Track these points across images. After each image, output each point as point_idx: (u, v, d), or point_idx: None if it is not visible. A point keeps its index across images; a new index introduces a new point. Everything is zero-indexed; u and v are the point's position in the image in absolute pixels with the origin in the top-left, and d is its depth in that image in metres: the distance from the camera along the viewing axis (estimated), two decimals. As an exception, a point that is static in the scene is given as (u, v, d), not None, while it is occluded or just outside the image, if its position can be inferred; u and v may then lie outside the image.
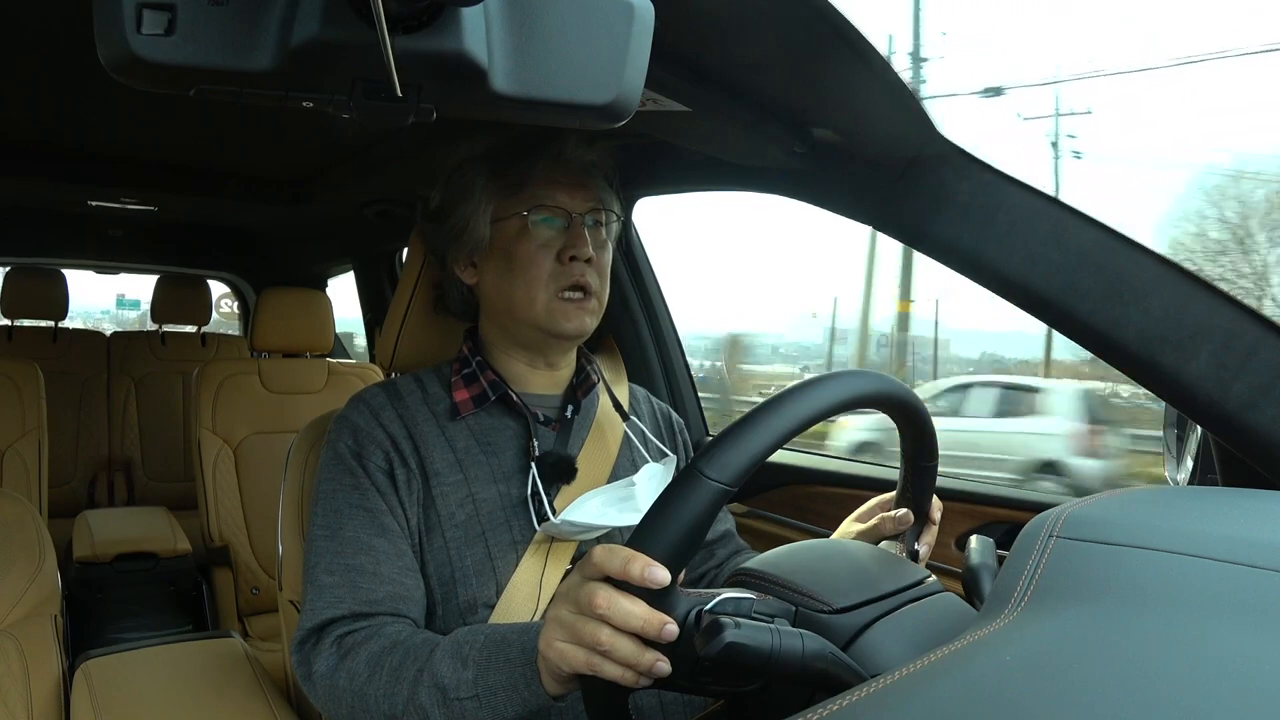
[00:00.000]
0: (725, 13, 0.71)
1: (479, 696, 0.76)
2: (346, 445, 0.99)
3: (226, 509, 2.37)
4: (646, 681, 0.65)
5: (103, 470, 3.16)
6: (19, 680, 1.10)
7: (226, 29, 0.41)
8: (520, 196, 1.02)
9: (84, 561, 2.29)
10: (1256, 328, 0.78)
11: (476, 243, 1.04)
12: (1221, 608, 0.47)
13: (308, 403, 2.50)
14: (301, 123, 1.63)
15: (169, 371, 3.27)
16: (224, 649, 1.32)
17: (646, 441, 1.14)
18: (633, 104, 0.49)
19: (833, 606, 0.67)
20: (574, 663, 0.66)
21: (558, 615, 0.68)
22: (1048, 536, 0.57)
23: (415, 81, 0.44)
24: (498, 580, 0.96)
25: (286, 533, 1.14)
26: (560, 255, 1.01)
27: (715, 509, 0.63)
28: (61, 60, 1.32)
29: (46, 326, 3.17)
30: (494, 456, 1.01)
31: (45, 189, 2.35)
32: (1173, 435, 0.97)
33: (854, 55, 0.76)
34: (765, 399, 0.69)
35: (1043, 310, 0.88)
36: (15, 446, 2.34)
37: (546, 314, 1.01)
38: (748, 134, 0.98)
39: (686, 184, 1.44)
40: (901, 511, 0.90)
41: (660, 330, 1.70)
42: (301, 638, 0.92)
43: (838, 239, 16.23)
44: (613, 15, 0.48)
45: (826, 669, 0.62)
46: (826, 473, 1.53)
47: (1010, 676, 0.44)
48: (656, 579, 0.61)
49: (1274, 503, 0.66)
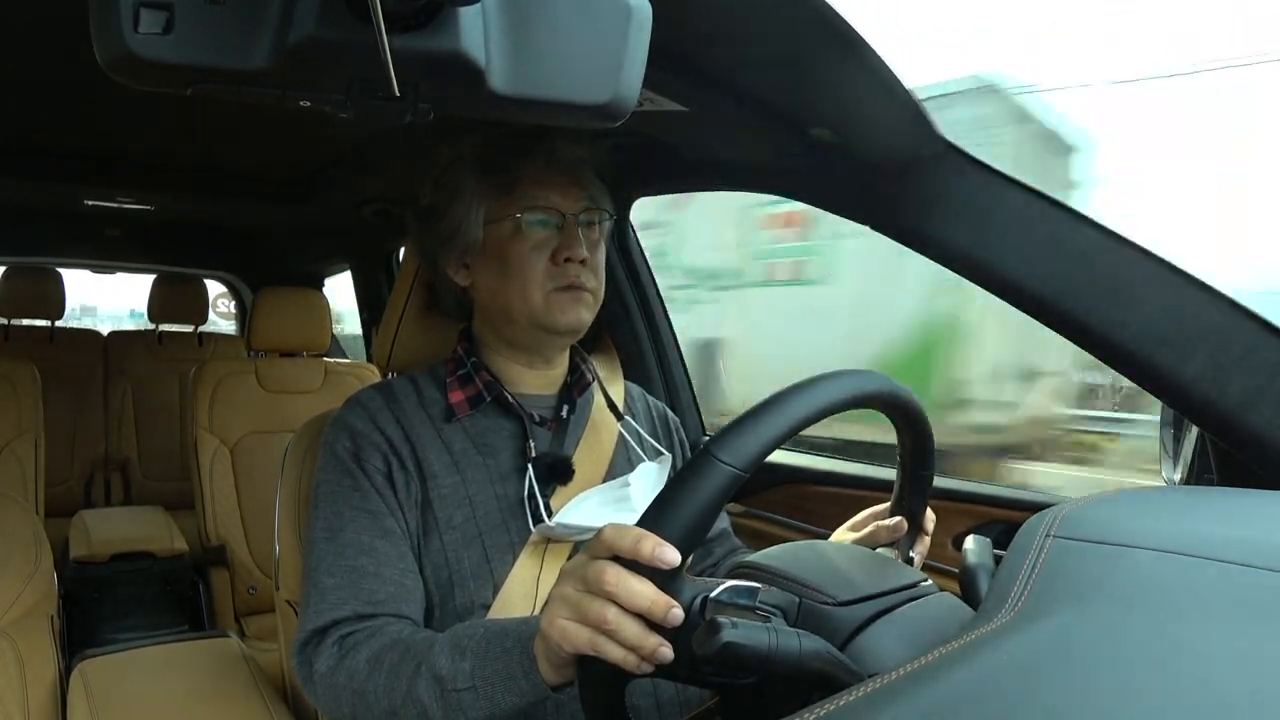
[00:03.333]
0: (723, 13, 0.71)
1: (476, 687, 0.76)
2: (345, 448, 0.98)
3: (223, 509, 2.37)
4: (648, 668, 0.64)
5: (99, 470, 3.15)
6: (15, 680, 1.10)
7: (224, 28, 0.41)
8: (512, 197, 1.01)
9: (81, 561, 2.29)
10: (1253, 328, 0.78)
11: (469, 245, 1.03)
12: (1218, 607, 0.48)
13: (304, 402, 2.50)
14: (299, 122, 1.63)
15: (166, 371, 3.26)
16: (221, 649, 1.32)
17: (642, 440, 1.14)
18: (630, 103, 0.49)
19: (836, 599, 0.67)
20: (577, 641, 0.65)
21: (563, 592, 0.67)
22: (1044, 536, 0.57)
23: (413, 81, 0.44)
24: (495, 581, 0.96)
25: (283, 532, 1.14)
26: (554, 256, 1.00)
27: (727, 494, 0.63)
28: (58, 59, 1.32)
29: (43, 326, 3.17)
30: (490, 458, 1.01)
31: (42, 188, 2.35)
32: (1169, 435, 0.97)
33: (852, 55, 0.76)
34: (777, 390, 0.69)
35: (1039, 310, 0.88)
36: (11, 446, 2.33)
37: (543, 309, 1.00)
38: (745, 134, 0.99)
39: (684, 183, 1.44)
40: (895, 520, 0.90)
41: (657, 329, 1.70)
42: (304, 639, 0.92)
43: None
44: (610, 15, 0.48)
45: (823, 668, 0.62)
46: (823, 472, 1.53)
47: (1007, 676, 0.44)
48: (666, 559, 0.61)
49: (1270, 502, 0.66)
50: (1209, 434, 0.85)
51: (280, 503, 1.16)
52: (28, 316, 3.16)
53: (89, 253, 3.32)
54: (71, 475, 3.09)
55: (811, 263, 4.79)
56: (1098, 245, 0.85)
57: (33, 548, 1.20)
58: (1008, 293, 0.90)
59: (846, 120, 0.95)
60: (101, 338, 3.31)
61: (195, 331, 3.38)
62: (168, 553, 2.37)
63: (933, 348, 4.31)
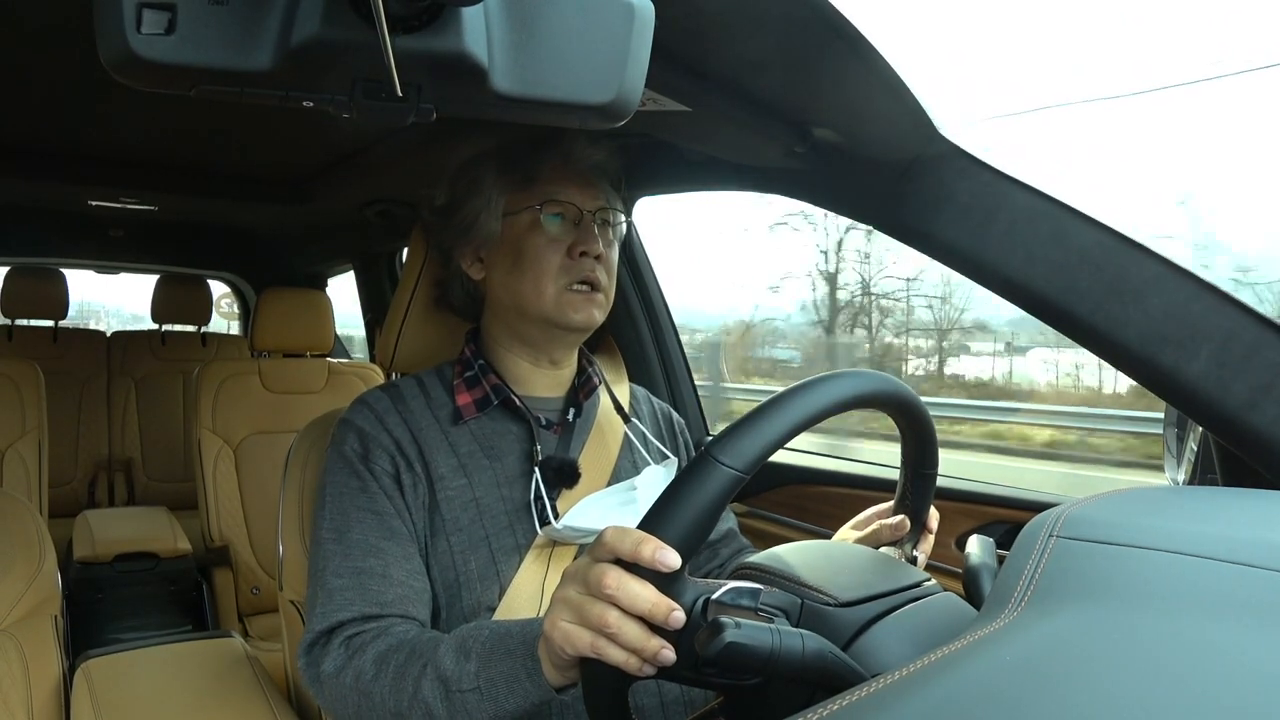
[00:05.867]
0: (726, 12, 0.71)
1: (480, 689, 0.76)
2: (352, 448, 0.99)
3: (226, 509, 2.37)
4: (650, 670, 0.64)
5: (103, 470, 3.16)
6: (19, 680, 1.10)
7: (226, 29, 0.41)
8: (531, 191, 1.02)
9: (84, 561, 2.29)
10: (1257, 327, 0.78)
11: (486, 237, 1.04)
12: (1221, 607, 0.48)
13: (308, 403, 2.50)
14: (301, 123, 1.63)
15: (169, 371, 3.27)
16: (224, 649, 1.32)
17: (647, 443, 1.14)
18: (633, 104, 0.49)
19: (838, 600, 0.67)
20: (578, 644, 0.65)
21: (565, 595, 0.67)
22: (1048, 536, 0.57)
23: (415, 81, 0.44)
24: (501, 584, 0.96)
25: (287, 533, 1.14)
26: (570, 251, 1.01)
27: (728, 495, 0.63)
28: (62, 60, 1.32)
29: (46, 326, 3.17)
30: (497, 461, 1.01)
31: (45, 189, 2.35)
32: (1173, 435, 0.97)
33: (854, 55, 0.76)
34: (779, 391, 0.69)
35: (1043, 310, 0.88)
36: (15, 446, 2.34)
37: (555, 306, 1.01)
38: (748, 134, 0.98)
39: (686, 184, 1.44)
40: (899, 519, 0.90)
41: (660, 330, 1.70)
42: (310, 640, 0.92)
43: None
44: (613, 15, 0.48)
45: (826, 668, 0.62)
46: (827, 473, 1.53)
47: (1010, 676, 0.44)
48: (667, 562, 0.61)
49: (1274, 502, 0.66)
50: (1212, 434, 0.85)
51: (284, 503, 1.16)
52: (31, 317, 3.16)
53: (93, 253, 3.32)
54: (75, 476, 3.09)
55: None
56: (1101, 245, 0.85)
57: (36, 548, 1.20)
58: (1011, 292, 0.90)
59: (850, 120, 0.95)
60: (105, 338, 3.31)
61: (198, 332, 3.38)
62: (171, 553, 2.37)
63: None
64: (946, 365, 10.38)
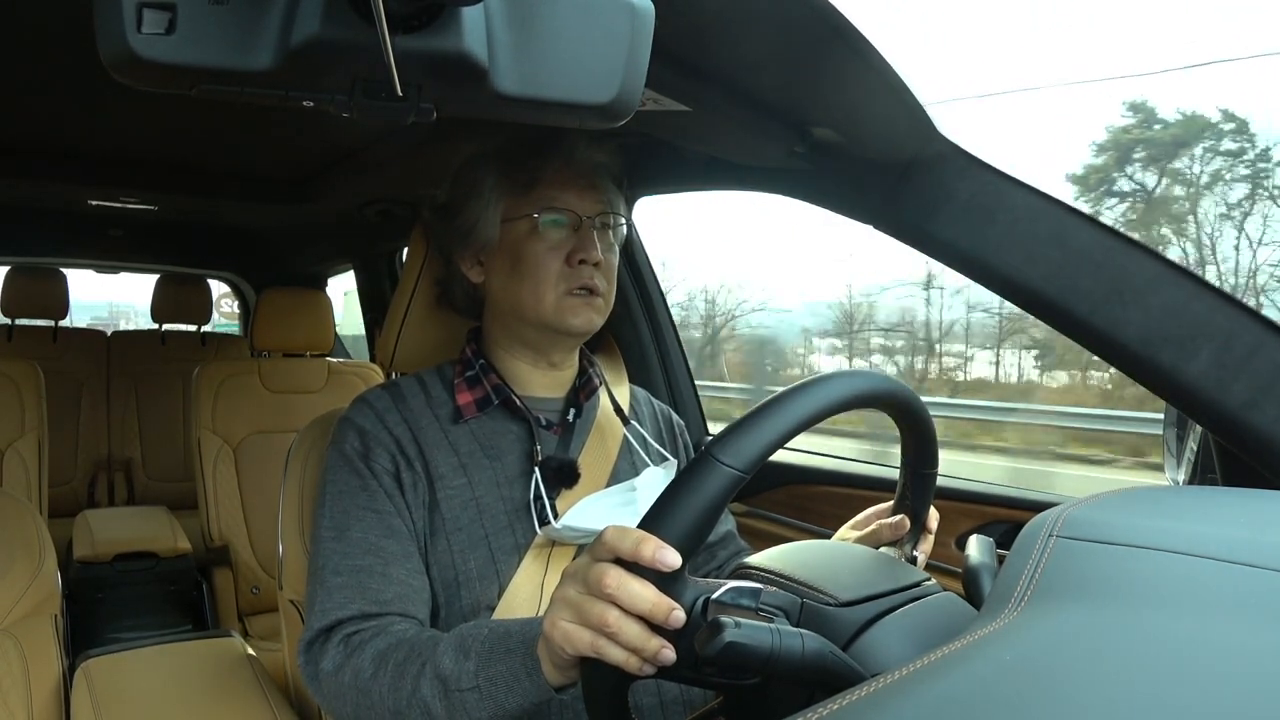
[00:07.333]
0: (725, 12, 0.71)
1: (480, 688, 0.76)
2: (353, 447, 0.99)
3: (226, 509, 2.37)
4: (650, 669, 0.64)
5: (103, 470, 3.16)
6: (19, 680, 1.10)
7: (227, 28, 0.41)
8: (530, 197, 1.02)
9: (84, 561, 2.29)
10: (1257, 327, 0.78)
11: (484, 242, 1.04)
12: (1222, 607, 0.48)
13: (308, 402, 2.50)
14: (301, 123, 1.63)
15: (169, 371, 3.26)
16: (224, 648, 1.32)
17: (647, 444, 1.14)
18: (633, 103, 0.49)
19: (838, 600, 0.67)
20: (578, 644, 0.65)
21: (564, 595, 0.67)
22: (1048, 536, 0.57)
23: (415, 81, 0.44)
24: (500, 583, 0.96)
25: (287, 532, 1.14)
26: (569, 258, 1.01)
27: (728, 495, 0.63)
28: (62, 59, 1.32)
29: (46, 326, 3.17)
30: (497, 460, 1.01)
31: (45, 189, 2.35)
32: (1173, 434, 0.97)
33: (854, 55, 0.76)
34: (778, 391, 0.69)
35: (1043, 310, 0.88)
36: (15, 446, 2.34)
37: (554, 311, 1.01)
38: (748, 134, 0.98)
39: (687, 183, 1.44)
40: (898, 518, 0.90)
41: (660, 331, 1.70)
42: (310, 638, 0.92)
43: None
44: (613, 15, 0.48)
45: (826, 668, 0.61)
46: (826, 472, 1.53)
47: (1010, 676, 0.44)
48: (667, 561, 0.61)
49: (1274, 502, 0.66)
50: (1212, 434, 0.85)
51: (283, 502, 1.16)
52: (31, 317, 3.16)
53: (93, 253, 3.32)
54: (75, 475, 3.09)
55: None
56: (1101, 245, 0.85)
57: (36, 548, 1.20)
58: (1011, 292, 0.90)
59: (849, 120, 0.95)
60: (105, 338, 3.31)
61: (198, 331, 3.38)
62: (171, 552, 2.37)
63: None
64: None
